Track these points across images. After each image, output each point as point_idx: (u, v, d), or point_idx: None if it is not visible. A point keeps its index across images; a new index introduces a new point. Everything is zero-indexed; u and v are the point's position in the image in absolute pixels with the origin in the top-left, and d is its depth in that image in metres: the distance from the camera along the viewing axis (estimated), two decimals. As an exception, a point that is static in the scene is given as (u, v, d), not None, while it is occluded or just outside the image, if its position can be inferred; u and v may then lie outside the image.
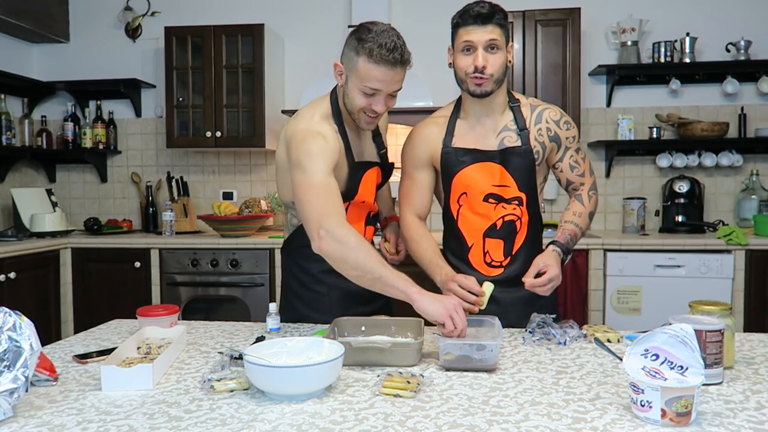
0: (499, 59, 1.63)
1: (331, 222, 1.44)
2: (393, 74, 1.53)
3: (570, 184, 1.81)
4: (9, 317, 1.06)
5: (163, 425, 1.01)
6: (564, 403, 1.10)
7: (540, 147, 1.72)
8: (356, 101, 1.57)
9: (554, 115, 1.74)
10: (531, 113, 1.74)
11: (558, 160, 1.77)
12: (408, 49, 1.56)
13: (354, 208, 1.75)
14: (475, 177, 1.71)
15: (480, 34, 1.60)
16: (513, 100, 1.75)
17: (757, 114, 3.68)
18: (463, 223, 1.75)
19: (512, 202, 1.72)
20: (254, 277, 3.40)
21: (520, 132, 1.70)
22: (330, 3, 3.95)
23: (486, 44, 1.61)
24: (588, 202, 1.80)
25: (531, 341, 1.52)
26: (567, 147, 1.76)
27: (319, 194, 1.48)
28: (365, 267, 1.40)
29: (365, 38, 1.51)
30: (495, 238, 1.73)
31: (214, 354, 1.44)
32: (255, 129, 3.68)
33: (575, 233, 1.75)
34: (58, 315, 3.48)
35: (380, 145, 1.81)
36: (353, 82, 1.56)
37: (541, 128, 1.72)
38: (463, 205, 1.74)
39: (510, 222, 1.72)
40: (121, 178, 4.20)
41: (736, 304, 3.12)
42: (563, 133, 1.74)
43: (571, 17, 3.42)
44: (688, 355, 1.00)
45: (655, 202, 3.77)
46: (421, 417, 1.04)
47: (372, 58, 1.50)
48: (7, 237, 3.42)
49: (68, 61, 4.15)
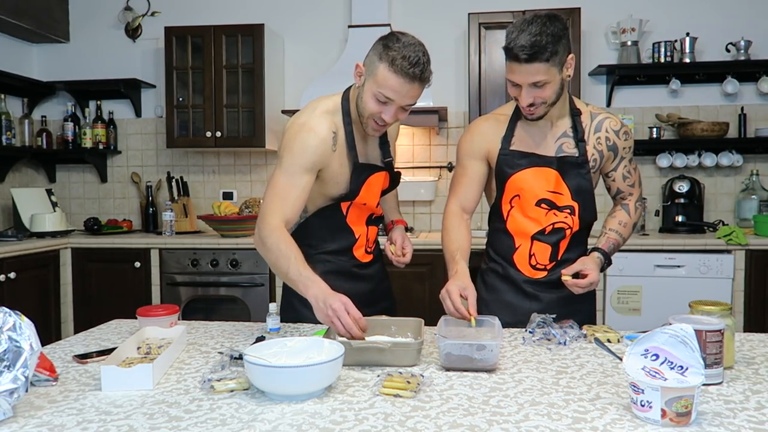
0: (547, 91, 1.56)
1: (264, 223, 1.56)
2: (410, 88, 1.53)
3: (619, 194, 1.81)
4: (9, 317, 1.05)
5: (163, 425, 1.01)
6: (564, 403, 1.10)
7: (598, 155, 1.72)
8: (368, 105, 1.58)
9: (614, 125, 1.74)
10: (591, 121, 1.73)
11: (612, 169, 1.77)
12: (430, 69, 1.56)
13: (355, 209, 1.75)
14: (529, 181, 1.70)
15: (523, 76, 1.53)
16: (574, 108, 1.72)
17: (757, 114, 3.68)
18: (512, 224, 1.74)
19: (564, 210, 1.71)
20: (254, 277, 3.40)
21: (578, 143, 1.70)
22: (330, 3, 3.95)
23: (530, 84, 1.55)
24: (634, 213, 1.81)
25: (531, 341, 1.52)
26: (623, 157, 1.76)
27: (274, 193, 1.58)
28: (276, 266, 1.54)
29: (391, 46, 1.52)
30: (543, 242, 1.73)
31: (214, 354, 1.44)
32: (255, 129, 3.68)
33: (618, 242, 1.76)
34: (58, 315, 3.48)
35: (386, 153, 1.81)
36: (369, 85, 1.56)
37: (600, 137, 1.72)
38: (515, 207, 1.73)
39: (560, 229, 1.72)
40: (121, 178, 4.20)
41: (736, 304, 3.12)
42: (621, 143, 1.74)
43: (571, 17, 3.42)
44: (688, 355, 1.00)
45: (655, 202, 3.77)
46: (421, 417, 1.04)
47: (393, 67, 1.50)
48: (7, 237, 3.42)
49: (68, 61, 4.15)
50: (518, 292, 1.75)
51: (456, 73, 3.88)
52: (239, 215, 3.52)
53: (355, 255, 1.81)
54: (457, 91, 3.88)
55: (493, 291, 1.80)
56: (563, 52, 1.53)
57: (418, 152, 3.90)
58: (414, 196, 3.81)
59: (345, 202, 1.73)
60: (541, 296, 1.73)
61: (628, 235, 1.80)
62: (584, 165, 1.70)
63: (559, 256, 1.75)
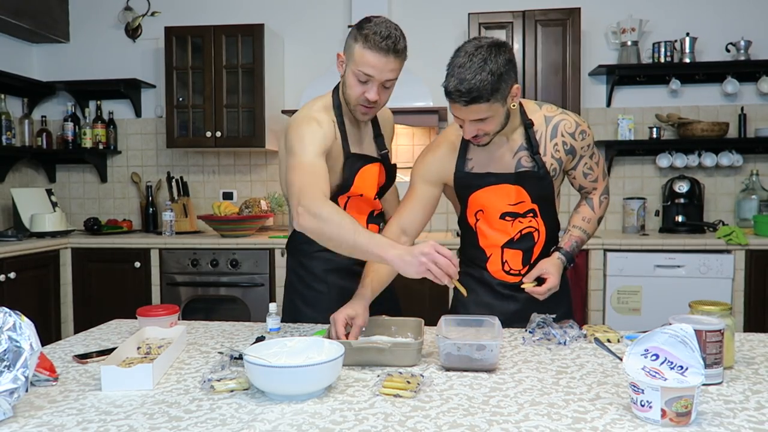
0: (490, 125, 1.53)
1: (309, 198, 1.45)
2: (386, 61, 1.57)
3: (582, 189, 1.81)
4: (9, 317, 1.05)
5: (163, 425, 1.01)
6: (564, 403, 1.10)
7: (557, 163, 1.69)
8: (352, 88, 1.62)
9: (569, 127, 1.69)
10: (546, 126, 1.68)
11: (572, 167, 1.75)
12: (404, 41, 1.60)
13: (354, 201, 1.76)
14: (490, 198, 1.69)
15: (464, 114, 1.49)
16: (526, 120, 1.67)
17: (757, 114, 3.68)
18: (482, 237, 1.74)
19: (527, 215, 1.71)
20: (254, 277, 3.40)
21: (534, 155, 1.66)
22: (330, 3, 3.95)
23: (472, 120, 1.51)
24: (598, 207, 1.80)
25: (531, 341, 1.52)
26: (581, 155, 1.73)
27: (303, 174, 1.51)
28: (339, 238, 1.40)
29: (364, 26, 1.58)
30: (513, 249, 1.73)
31: (214, 354, 1.44)
32: (255, 129, 3.68)
33: (581, 239, 1.75)
34: (58, 315, 3.48)
35: (381, 146, 1.82)
36: (350, 68, 1.61)
37: (557, 143, 1.68)
38: (480, 220, 1.73)
39: (528, 234, 1.72)
40: (121, 178, 4.20)
41: (736, 304, 3.12)
42: (578, 143, 1.71)
43: (571, 17, 3.42)
44: (688, 355, 1.00)
45: (655, 202, 3.77)
46: (421, 417, 1.04)
47: (367, 43, 1.55)
48: (7, 237, 3.42)
49: (68, 61, 4.15)
50: (495, 294, 1.75)
51: (456, 73, 3.87)
52: (239, 215, 3.52)
53: None
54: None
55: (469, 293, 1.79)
56: (506, 87, 1.47)
57: (418, 152, 3.89)
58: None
59: (342, 196, 1.73)
60: (517, 296, 1.72)
61: (593, 231, 1.79)
62: (545, 176, 1.67)
63: (532, 259, 1.73)
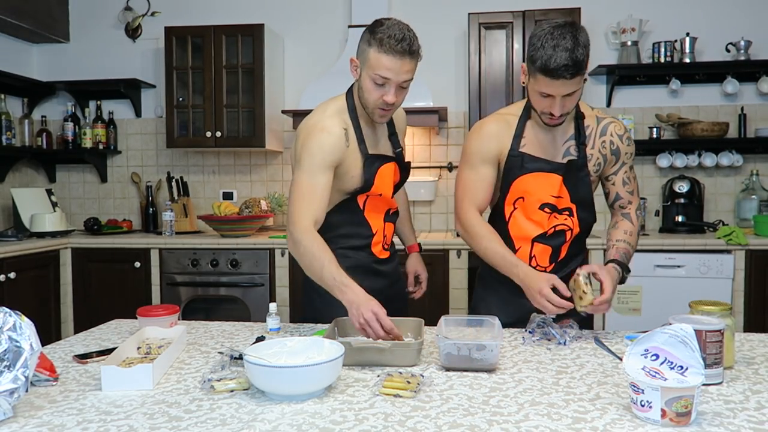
0: (574, 100, 1.60)
1: (296, 224, 1.59)
2: (401, 64, 1.59)
3: (618, 200, 1.80)
4: (9, 317, 1.06)
5: (163, 425, 1.01)
6: (564, 403, 1.10)
7: (602, 159, 1.73)
8: (369, 92, 1.64)
9: (619, 130, 1.75)
10: (597, 125, 1.74)
11: (613, 173, 1.77)
12: (418, 42, 1.62)
13: (372, 200, 1.79)
14: (534, 185, 1.71)
15: (559, 89, 1.55)
16: (578, 112, 1.73)
17: (757, 114, 3.68)
18: (514, 226, 1.75)
19: (563, 212, 1.73)
20: (254, 277, 3.40)
21: (579, 145, 1.71)
22: (330, 3, 3.95)
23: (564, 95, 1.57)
24: (636, 221, 1.80)
25: (531, 341, 1.52)
26: (624, 162, 1.76)
27: (300, 194, 1.62)
28: (311, 268, 1.56)
29: (377, 30, 1.60)
30: (543, 244, 1.74)
31: (214, 354, 1.44)
32: (255, 129, 3.68)
33: (628, 252, 1.74)
34: (58, 315, 3.48)
35: (396, 144, 1.86)
36: (366, 72, 1.63)
37: (605, 141, 1.73)
38: (518, 209, 1.74)
39: (561, 231, 1.74)
40: (121, 178, 4.20)
41: (736, 304, 3.12)
42: (624, 148, 1.75)
43: (571, 17, 3.41)
44: (688, 355, 1.00)
45: (655, 202, 3.77)
46: (421, 417, 1.04)
47: (381, 47, 1.58)
48: (7, 237, 3.42)
49: (68, 61, 4.15)
50: (517, 291, 1.74)
51: (456, 73, 3.88)
52: (239, 215, 3.52)
53: (373, 251, 1.84)
54: (457, 91, 3.87)
55: (491, 290, 1.81)
56: (585, 71, 1.56)
57: (418, 152, 3.90)
58: (414, 196, 3.80)
59: (361, 195, 1.77)
60: None
61: (636, 244, 1.78)
62: (584, 168, 1.71)
63: (559, 258, 1.75)
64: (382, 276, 1.87)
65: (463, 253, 3.28)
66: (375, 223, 1.82)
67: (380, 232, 1.84)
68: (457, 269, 3.29)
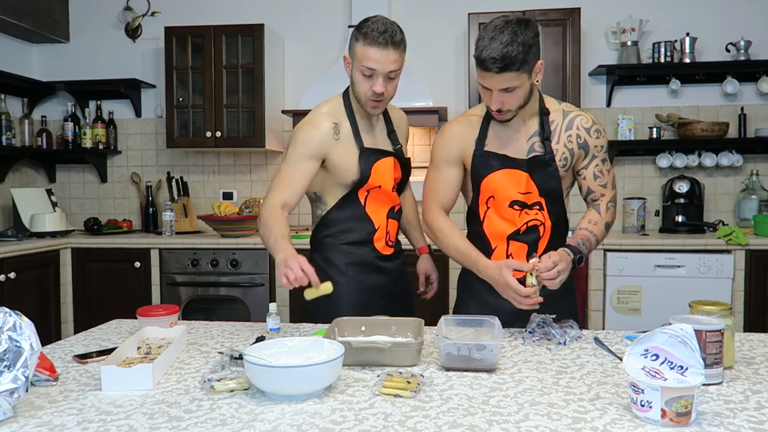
0: (515, 98, 1.59)
1: (264, 202, 1.75)
2: (386, 54, 1.69)
3: (590, 193, 1.78)
4: (9, 317, 1.06)
5: (163, 425, 1.01)
6: (564, 403, 1.10)
7: (568, 153, 1.72)
8: (359, 85, 1.75)
9: (585, 123, 1.73)
10: (563, 119, 1.73)
11: (583, 167, 1.75)
12: (401, 34, 1.73)
13: (373, 195, 1.84)
14: (502, 183, 1.71)
15: (494, 82, 1.55)
16: (543, 108, 1.72)
17: (757, 114, 3.68)
18: (489, 226, 1.76)
19: (534, 207, 1.72)
20: (254, 277, 3.40)
21: (544, 141, 1.70)
22: (330, 3, 3.95)
23: (500, 89, 1.57)
24: (605, 212, 1.76)
25: (531, 341, 1.52)
26: (594, 155, 1.74)
27: (278, 179, 1.77)
28: (263, 237, 1.71)
29: (362, 26, 1.72)
30: (519, 242, 1.74)
31: (214, 354, 1.44)
32: (255, 129, 3.68)
33: (588, 238, 1.72)
34: (58, 315, 3.48)
35: (395, 141, 1.92)
36: (355, 66, 1.74)
37: (572, 135, 1.72)
38: (491, 208, 1.75)
39: (534, 227, 1.73)
40: (121, 178, 4.20)
41: (736, 304, 3.12)
42: (592, 141, 1.73)
43: (571, 17, 3.42)
44: (688, 355, 1.00)
45: (655, 202, 3.77)
46: (421, 417, 1.04)
47: (366, 40, 1.69)
48: (7, 237, 3.42)
49: (68, 61, 4.15)
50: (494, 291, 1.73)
51: (456, 73, 3.88)
52: (239, 215, 3.52)
53: (376, 246, 1.88)
54: (457, 91, 3.87)
55: (472, 291, 1.80)
56: (533, 59, 1.56)
57: (418, 152, 3.90)
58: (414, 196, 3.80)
59: (361, 190, 1.82)
60: None
61: (602, 234, 1.75)
62: (551, 163, 1.70)
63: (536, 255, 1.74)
64: (385, 273, 1.90)
65: (463, 253, 3.27)
66: (377, 219, 1.87)
67: (383, 228, 1.88)
68: (457, 269, 3.26)
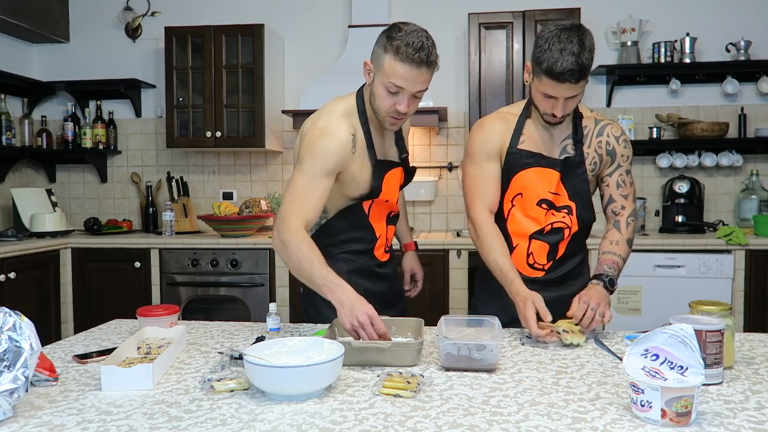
0: (576, 102, 1.63)
1: (285, 225, 1.53)
2: (417, 74, 1.53)
3: (611, 203, 1.78)
4: (9, 317, 1.05)
5: (163, 425, 1.01)
6: (564, 403, 1.10)
7: (597, 158, 1.75)
8: (381, 99, 1.59)
9: (616, 132, 1.77)
10: (594, 126, 1.77)
11: (607, 174, 1.78)
12: (436, 52, 1.56)
13: (377, 206, 1.76)
14: (533, 180, 1.72)
15: (563, 92, 1.57)
16: (576, 112, 1.75)
17: (757, 114, 3.68)
18: (512, 223, 1.76)
19: (562, 210, 1.74)
20: (254, 277, 3.40)
21: (576, 144, 1.73)
22: (330, 3, 3.95)
23: (568, 97, 1.59)
24: (625, 228, 1.77)
25: (531, 341, 1.52)
26: (620, 164, 1.77)
27: (295, 195, 1.57)
28: (299, 269, 1.51)
29: (394, 36, 1.52)
30: (541, 241, 1.74)
31: (214, 354, 1.44)
32: (255, 129, 3.68)
33: (613, 261, 1.71)
34: (58, 315, 3.48)
35: (402, 148, 1.83)
36: (379, 78, 1.57)
37: (602, 141, 1.75)
38: (516, 206, 1.75)
39: (559, 229, 1.74)
40: (121, 178, 4.20)
41: (736, 304, 3.12)
42: (620, 149, 1.76)
43: (571, 17, 3.41)
44: (688, 355, 1.00)
45: (655, 202, 3.77)
46: (421, 417, 1.04)
47: (398, 55, 1.51)
48: (7, 237, 3.42)
49: (68, 61, 4.15)
50: None
51: (456, 73, 3.88)
52: (239, 215, 3.52)
53: (376, 254, 1.82)
54: (457, 91, 3.87)
55: (490, 291, 1.80)
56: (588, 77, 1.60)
57: (418, 152, 3.90)
58: (414, 196, 3.80)
59: (367, 201, 1.73)
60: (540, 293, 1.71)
61: (626, 251, 1.75)
62: (581, 165, 1.73)
63: (557, 256, 1.76)
64: (383, 279, 1.86)
65: (463, 253, 3.28)
66: (379, 228, 1.79)
67: (383, 236, 1.82)
68: (457, 269, 3.29)
